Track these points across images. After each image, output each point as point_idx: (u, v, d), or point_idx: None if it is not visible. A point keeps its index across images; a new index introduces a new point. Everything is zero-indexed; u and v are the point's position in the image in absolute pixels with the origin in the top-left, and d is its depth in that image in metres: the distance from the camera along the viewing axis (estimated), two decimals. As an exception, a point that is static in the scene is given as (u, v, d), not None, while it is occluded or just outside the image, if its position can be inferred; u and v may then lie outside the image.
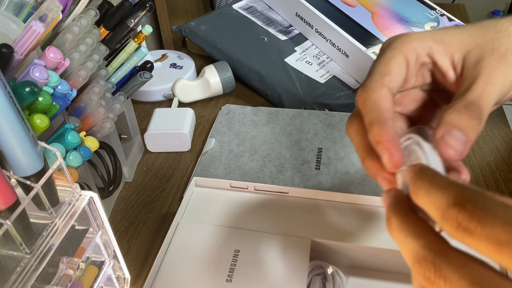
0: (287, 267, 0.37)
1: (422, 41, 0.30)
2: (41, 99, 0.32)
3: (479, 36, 0.30)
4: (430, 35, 0.30)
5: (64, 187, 0.29)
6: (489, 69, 0.28)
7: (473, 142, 0.26)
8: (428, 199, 0.20)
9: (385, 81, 0.28)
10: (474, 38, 0.30)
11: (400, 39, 0.30)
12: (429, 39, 0.30)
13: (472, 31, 0.30)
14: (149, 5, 0.42)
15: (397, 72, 0.29)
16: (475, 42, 0.29)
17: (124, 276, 0.37)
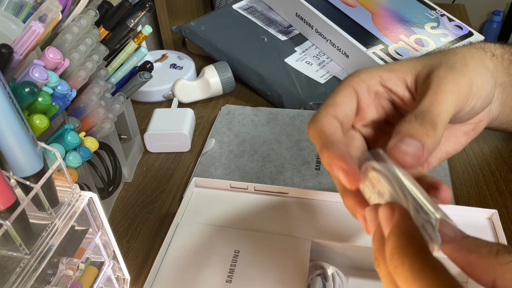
0: (287, 267, 0.37)
1: (370, 72, 0.31)
2: (41, 100, 0.32)
3: (427, 59, 0.31)
4: (378, 67, 0.32)
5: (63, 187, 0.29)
6: (438, 79, 0.29)
7: (432, 149, 0.25)
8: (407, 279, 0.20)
9: (330, 111, 0.29)
10: (422, 61, 0.31)
11: (349, 76, 0.31)
12: (378, 70, 0.31)
13: (420, 57, 0.32)
14: (148, 5, 0.42)
15: (344, 102, 0.30)
16: (423, 63, 0.31)
17: (124, 277, 0.37)
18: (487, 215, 0.40)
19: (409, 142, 0.25)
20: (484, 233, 0.39)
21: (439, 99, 0.27)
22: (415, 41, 0.64)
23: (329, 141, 0.27)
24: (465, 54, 0.31)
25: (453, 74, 0.29)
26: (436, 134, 0.26)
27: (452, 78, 0.29)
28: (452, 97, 0.28)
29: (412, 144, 0.25)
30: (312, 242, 0.39)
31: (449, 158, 0.52)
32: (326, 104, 0.30)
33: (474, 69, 0.30)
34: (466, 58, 0.31)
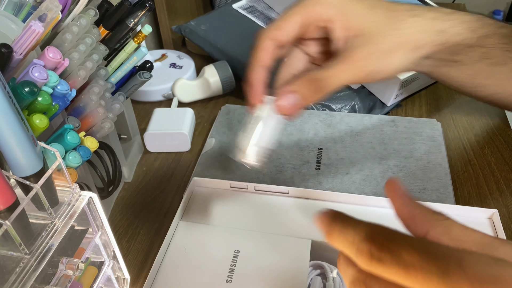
0: (287, 267, 0.37)
1: (327, 7, 0.35)
2: (41, 99, 0.32)
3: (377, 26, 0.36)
4: (339, 5, 0.35)
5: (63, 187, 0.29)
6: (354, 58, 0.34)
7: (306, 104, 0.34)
8: (342, 237, 0.22)
9: (274, 35, 0.36)
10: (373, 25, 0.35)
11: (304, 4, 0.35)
12: (335, 8, 0.35)
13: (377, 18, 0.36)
14: (148, 5, 0.42)
15: (289, 29, 0.35)
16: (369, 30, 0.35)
17: (124, 277, 0.37)
18: (487, 214, 0.40)
19: (291, 97, 0.33)
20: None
21: (339, 76, 0.34)
22: (415, 40, 0.64)
23: (254, 65, 0.36)
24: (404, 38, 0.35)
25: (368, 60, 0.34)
26: (318, 98, 0.34)
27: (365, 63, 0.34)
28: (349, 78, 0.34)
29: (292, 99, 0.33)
30: (312, 242, 0.39)
31: (449, 158, 0.52)
32: (274, 26, 0.36)
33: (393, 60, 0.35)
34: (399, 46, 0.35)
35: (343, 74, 0.34)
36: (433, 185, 0.47)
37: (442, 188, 0.47)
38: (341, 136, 0.54)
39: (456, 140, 0.55)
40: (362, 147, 0.53)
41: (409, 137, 0.53)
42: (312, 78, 0.34)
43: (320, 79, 0.34)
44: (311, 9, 0.35)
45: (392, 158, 0.51)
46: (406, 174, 0.49)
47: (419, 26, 0.36)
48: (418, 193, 0.46)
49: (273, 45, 0.36)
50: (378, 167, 0.50)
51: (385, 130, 0.55)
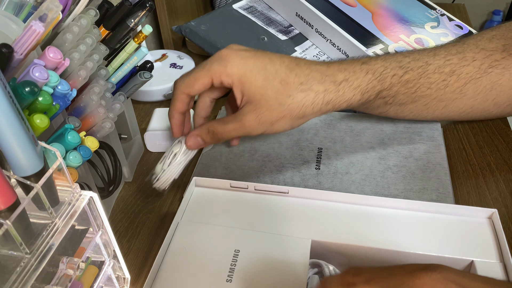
0: (287, 267, 0.37)
1: (229, 77, 0.43)
2: (41, 99, 0.32)
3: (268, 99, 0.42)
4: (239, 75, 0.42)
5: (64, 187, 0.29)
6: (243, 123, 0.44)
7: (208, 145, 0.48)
8: None
9: (186, 90, 0.45)
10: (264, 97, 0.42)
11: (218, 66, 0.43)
12: (235, 78, 0.43)
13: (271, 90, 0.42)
14: (149, 5, 0.42)
15: (199, 88, 0.45)
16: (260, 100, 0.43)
17: (124, 276, 0.37)
18: (487, 214, 0.40)
19: (197, 139, 0.47)
20: (484, 233, 0.39)
21: (231, 133, 0.45)
22: (415, 40, 0.64)
23: (172, 111, 0.47)
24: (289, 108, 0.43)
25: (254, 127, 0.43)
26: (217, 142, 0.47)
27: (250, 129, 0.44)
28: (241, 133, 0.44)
29: (198, 141, 0.47)
30: (312, 242, 0.39)
31: (449, 158, 0.52)
32: (186, 83, 0.45)
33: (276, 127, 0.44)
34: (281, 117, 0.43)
35: (234, 132, 0.44)
36: (432, 185, 0.47)
37: (441, 188, 0.47)
38: (341, 136, 0.54)
39: (455, 140, 0.56)
40: (362, 147, 0.53)
41: (408, 137, 0.53)
42: (210, 129, 0.45)
43: (216, 132, 0.45)
44: (217, 75, 0.43)
45: (392, 158, 0.51)
46: (406, 174, 0.49)
47: (306, 101, 0.43)
48: (418, 193, 0.46)
49: (187, 97, 0.46)
50: (378, 167, 0.50)
51: (384, 130, 0.55)
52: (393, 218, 0.41)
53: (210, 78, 0.43)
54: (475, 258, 0.36)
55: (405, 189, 0.47)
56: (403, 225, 0.40)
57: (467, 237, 0.38)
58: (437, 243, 0.38)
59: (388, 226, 0.39)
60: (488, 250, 0.37)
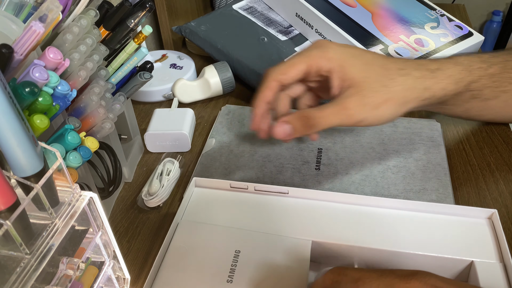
0: (288, 268, 0.37)
1: (329, 61, 0.41)
2: (41, 100, 0.32)
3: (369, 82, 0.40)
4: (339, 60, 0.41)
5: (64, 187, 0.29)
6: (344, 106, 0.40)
7: (298, 135, 0.41)
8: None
9: (279, 78, 0.42)
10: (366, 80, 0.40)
11: (316, 51, 0.41)
12: (335, 63, 0.41)
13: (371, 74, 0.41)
14: (149, 5, 0.42)
15: (293, 75, 0.42)
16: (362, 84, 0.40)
17: (124, 277, 0.37)
18: (487, 214, 0.40)
19: (285, 127, 0.41)
20: (483, 233, 0.39)
21: (329, 119, 0.40)
22: (415, 41, 0.64)
23: (260, 100, 0.43)
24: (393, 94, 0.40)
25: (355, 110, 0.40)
26: (308, 133, 0.41)
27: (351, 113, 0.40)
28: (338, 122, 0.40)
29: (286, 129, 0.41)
30: (312, 242, 0.39)
31: (449, 158, 0.52)
32: (281, 70, 0.42)
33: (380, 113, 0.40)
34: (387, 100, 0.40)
35: (333, 118, 0.40)
36: (432, 185, 0.47)
37: (441, 188, 0.47)
38: (341, 136, 0.54)
39: (455, 141, 0.56)
40: (362, 147, 0.53)
41: (408, 138, 0.53)
42: (305, 115, 0.40)
43: (312, 117, 0.40)
44: (315, 61, 0.40)
45: (392, 159, 0.51)
46: (406, 174, 0.49)
47: (407, 85, 0.41)
48: (418, 193, 0.46)
49: (277, 86, 0.42)
50: (378, 168, 0.50)
51: (384, 130, 0.55)
52: (393, 219, 0.40)
53: (308, 64, 0.41)
54: (475, 259, 0.36)
55: (405, 190, 0.47)
56: (403, 225, 0.40)
57: (467, 237, 0.38)
58: (437, 243, 0.38)
59: (388, 227, 0.39)
60: (488, 251, 0.37)
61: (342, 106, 0.40)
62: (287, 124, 0.40)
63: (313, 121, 0.40)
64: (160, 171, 0.51)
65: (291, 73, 0.41)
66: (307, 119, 0.40)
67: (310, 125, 0.40)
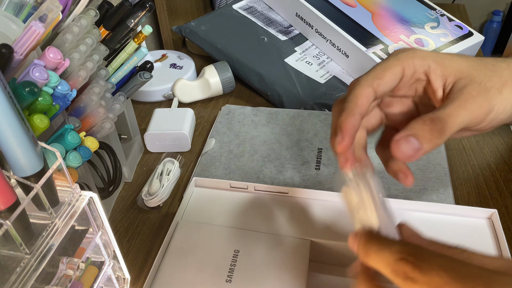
0: (287, 267, 0.37)
1: (424, 59, 0.34)
2: (41, 99, 0.32)
3: (475, 69, 0.34)
4: (433, 56, 0.34)
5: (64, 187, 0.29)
6: (467, 96, 0.32)
7: (428, 151, 0.30)
8: (378, 258, 0.25)
9: (374, 83, 0.33)
10: (470, 69, 0.34)
11: (406, 52, 0.34)
12: (430, 59, 0.34)
13: (471, 63, 0.34)
14: (149, 5, 0.42)
15: (389, 79, 0.33)
16: (469, 72, 0.33)
17: (124, 277, 0.37)
18: (487, 215, 0.40)
19: (411, 141, 0.30)
20: (483, 233, 0.39)
21: (459, 113, 0.31)
22: (415, 41, 0.64)
23: (353, 110, 0.32)
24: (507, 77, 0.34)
25: (483, 96, 0.32)
26: (439, 142, 0.30)
27: (480, 100, 0.32)
28: (470, 116, 0.31)
29: (412, 145, 0.30)
30: (312, 242, 0.39)
31: (449, 158, 0.52)
32: (375, 75, 0.33)
33: (504, 99, 0.33)
34: (505, 83, 0.33)
35: (463, 112, 0.32)
36: (432, 185, 0.47)
37: (441, 188, 0.47)
38: (341, 136, 0.54)
39: (455, 140, 0.56)
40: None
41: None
42: (429, 117, 0.31)
43: (438, 118, 0.31)
44: (410, 61, 0.34)
45: (392, 158, 0.51)
46: (406, 174, 0.49)
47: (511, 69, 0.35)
48: (418, 193, 0.46)
49: (372, 93, 0.33)
50: (378, 167, 0.50)
51: (385, 130, 0.55)
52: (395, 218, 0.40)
53: (402, 67, 0.34)
54: (475, 259, 0.36)
55: (405, 190, 0.47)
56: (403, 225, 0.40)
57: (467, 237, 0.38)
58: (437, 243, 0.38)
59: (388, 227, 0.39)
60: (488, 250, 0.37)
61: (465, 96, 0.32)
62: (410, 137, 0.30)
63: (441, 123, 0.31)
64: (160, 171, 0.51)
65: (386, 76, 0.33)
66: (433, 122, 0.31)
67: (439, 129, 0.31)
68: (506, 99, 0.33)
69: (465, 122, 0.32)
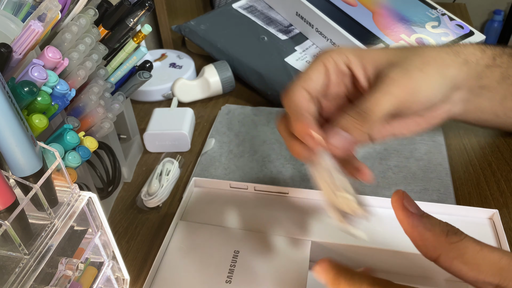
0: (287, 267, 0.37)
1: (341, 53, 0.35)
2: (40, 99, 0.32)
3: (395, 55, 0.35)
4: (351, 50, 0.36)
5: (63, 187, 0.29)
6: (388, 81, 0.33)
7: (361, 140, 0.32)
8: None
9: (304, 85, 0.34)
10: (389, 56, 0.35)
11: (326, 51, 0.36)
12: (348, 53, 0.35)
13: (391, 51, 0.36)
14: (148, 4, 0.42)
15: (315, 77, 0.35)
16: (388, 59, 0.34)
17: (123, 277, 0.36)
18: (488, 215, 0.40)
19: (340, 133, 0.31)
20: (485, 233, 0.38)
21: (383, 98, 0.32)
22: (416, 40, 0.64)
23: (300, 113, 0.32)
24: (429, 57, 0.35)
25: (403, 78, 0.33)
26: (367, 129, 0.31)
27: (401, 81, 0.33)
28: (395, 99, 0.32)
29: (342, 137, 0.31)
30: (312, 242, 0.38)
31: (450, 158, 0.52)
32: (301, 78, 0.35)
33: (427, 76, 0.33)
34: (427, 63, 0.34)
35: (386, 98, 0.32)
36: (433, 185, 0.47)
37: (442, 188, 0.47)
38: (341, 136, 0.54)
39: (456, 140, 0.55)
40: (362, 147, 0.53)
41: (409, 137, 0.53)
42: (353, 110, 0.32)
43: (363, 108, 0.32)
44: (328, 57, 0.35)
45: (393, 158, 0.51)
46: (407, 174, 0.49)
47: (438, 51, 0.36)
48: (419, 193, 0.46)
49: (307, 93, 0.34)
50: (379, 167, 0.50)
51: (385, 130, 0.55)
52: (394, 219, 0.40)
53: (323, 63, 0.35)
54: (476, 259, 0.36)
55: (406, 190, 0.47)
56: (403, 225, 0.39)
57: (468, 237, 0.38)
58: (438, 243, 0.38)
59: (388, 227, 0.39)
60: (489, 251, 0.37)
61: (386, 82, 0.32)
62: (340, 130, 0.31)
63: (366, 112, 0.31)
64: (160, 171, 0.51)
65: (312, 75, 0.35)
66: (357, 113, 0.31)
67: (365, 118, 0.31)
68: (430, 77, 0.34)
69: (392, 106, 0.32)
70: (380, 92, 0.32)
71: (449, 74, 0.35)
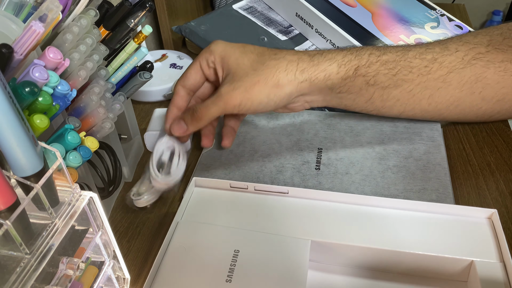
0: (287, 267, 0.37)
1: (212, 54, 0.46)
2: (41, 99, 0.32)
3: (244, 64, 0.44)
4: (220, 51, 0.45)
5: (64, 187, 0.29)
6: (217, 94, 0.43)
7: (193, 131, 0.46)
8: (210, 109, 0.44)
9: (181, 82, 0.48)
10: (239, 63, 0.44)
11: (203, 51, 0.47)
12: (217, 53, 0.45)
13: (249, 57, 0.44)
14: (149, 5, 0.42)
15: (192, 75, 0.47)
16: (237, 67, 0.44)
17: (124, 276, 0.37)
18: (486, 214, 0.40)
19: (181, 124, 0.45)
20: (484, 233, 0.39)
21: (210, 108, 0.43)
22: (415, 41, 0.64)
23: (170, 107, 0.48)
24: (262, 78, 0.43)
25: (227, 95, 0.43)
26: (199, 125, 0.45)
27: (225, 98, 0.43)
28: (220, 110, 0.43)
29: (181, 125, 0.45)
30: (312, 242, 0.39)
31: (449, 158, 0.52)
32: (182, 76, 0.48)
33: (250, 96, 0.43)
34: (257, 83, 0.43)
35: (213, 106, 0.43)
36: (432, 185, 0.47)
37: (441, 188, 0.47)
38: (341, 136, 0.54)
39: (455, 140, 0.56)
40: (362, 147, 0.53)
41: (408, 137, 0.53)
42: (191, 108, 0.45)
43: (196, 110, 0.44)
44: (203, 59, 0.46)
45: (392, 158, 0.51)
46: (406, 174, 0.49)
47: (279, 67, 0.43)
48: (418, 193, 0.46)
49: (184, 90, 0.47)
50: (378, 167, 0.50)
51: (384, 130, 0.55)
52: (393, 218, 0.41)
53: (198, 62, 0.46)
54: (475, 258, 0.36)
55: (405, 189, 0.47)
56: (403, 225, 0.40)
57: (467, 237, 0.38)
58: (437, 243, 0.38)
59: (388, 226, 0.39)
60: (488, 250, 0.37)
61: (218, 94, 0.43)
62: (180, 120, 0.45)
63: (198, 113, 0.44)
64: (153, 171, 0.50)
65: (190, 74, 0.47)
66: (192, 112, 0.44)
67: (197, 117, 0.44)
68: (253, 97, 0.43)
69: (215, 113, 0.44)
70: (210, 101, 0.43)
71: (281, 93, 0.44)
